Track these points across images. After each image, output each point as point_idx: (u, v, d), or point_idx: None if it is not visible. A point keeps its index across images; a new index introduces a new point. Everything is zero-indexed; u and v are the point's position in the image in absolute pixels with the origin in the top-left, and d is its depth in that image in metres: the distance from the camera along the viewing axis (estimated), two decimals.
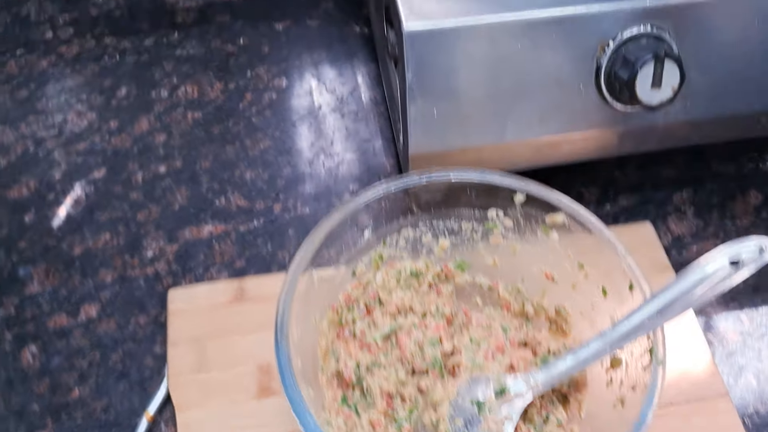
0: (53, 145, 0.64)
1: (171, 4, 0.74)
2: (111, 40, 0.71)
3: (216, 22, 0.72)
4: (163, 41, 0.71)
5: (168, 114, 0.65)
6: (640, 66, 0.47)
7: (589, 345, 0.41)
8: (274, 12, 0.73)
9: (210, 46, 0.70)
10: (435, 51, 0.47)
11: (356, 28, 0.72)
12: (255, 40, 0.71)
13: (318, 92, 0.67)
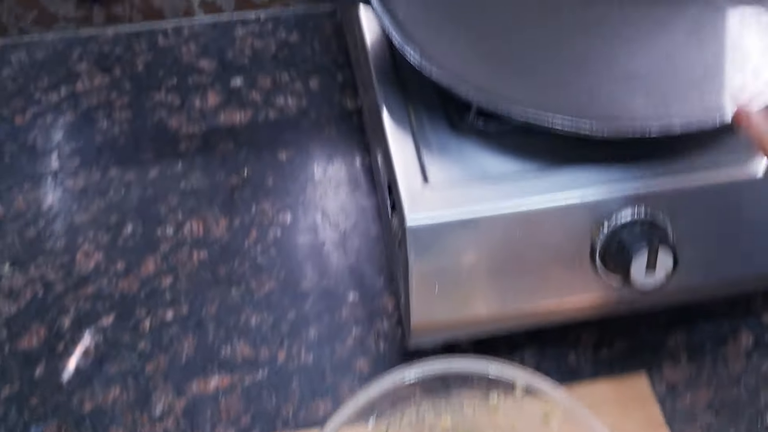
0: (62, 289, 0.65)
1: (174, 129, 0.76)
2: (116, 172, 0.73)
3: (219, 151, 0.74)
4: (168, 173, 0.73)
5: (174, 253, 0.67)
6: (634, 253, 0.49)
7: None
8: (278, 139, 0.75)
9: (214, 178, 0.72)
10: (436, 240, 0.49)
11: (357, 159, 0.73)
12: (259, 171, 0.73)
13: (322, 227, 0.69)
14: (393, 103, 0.54)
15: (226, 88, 0.78)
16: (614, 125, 0.47)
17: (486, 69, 0.51)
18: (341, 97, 0.78)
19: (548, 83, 0.50)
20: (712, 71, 0.51)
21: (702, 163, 0.50)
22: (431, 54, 0.51)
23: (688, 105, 0.49)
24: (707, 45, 0.52)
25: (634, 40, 0.52)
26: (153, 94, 0.78)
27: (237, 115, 0.76)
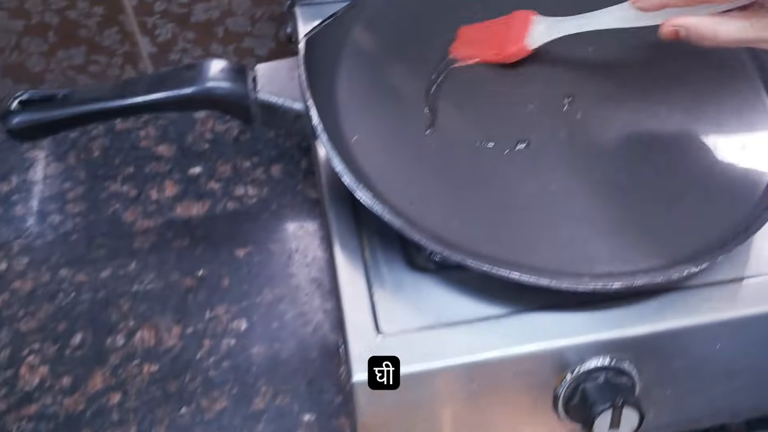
0: (3, 408, 0.62)
1: (129, 224, 0.72)
2: (67, 273, 0.69)
3: (175, 248, 0.71)
4: (121, 273, 0.69)
5: (124, 367, 0.64)
6: (597, 412, 0.46)
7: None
8: (236, 234, 0.72)
9: (168, 280, 0.69)
10: (387, 396, 0.46)
11: (319, 256, 0.70)
12: (215, 271, 0.69)
13: (278, 336, 0.66)
14: (346, 234, 0.52)
15: (185, 176, 0.75)
16: (576, 282, 0.44)
17: (442, 212, 0.48)
18: (304, 185, 0.75)
19: (507, 230, 0.47)
20: (677, 209, 0.48)
21: (668, 306, 0.47)
22: (383, 193, 0.48)
23: (652, 254, 0.46)
24: (674, 187, 0.49)
25: (594, 184, 0.50)
26: (109, 184, 0.75)
27: (194, 207, 0.73)
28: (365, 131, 0.52)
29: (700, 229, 0.48)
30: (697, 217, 0.48)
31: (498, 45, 0.55)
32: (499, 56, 0.55)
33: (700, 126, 0.52)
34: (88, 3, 0.69)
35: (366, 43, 0.56)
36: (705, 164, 0.51)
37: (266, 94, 0.49)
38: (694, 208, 0.49)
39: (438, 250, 0.45)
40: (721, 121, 0.53)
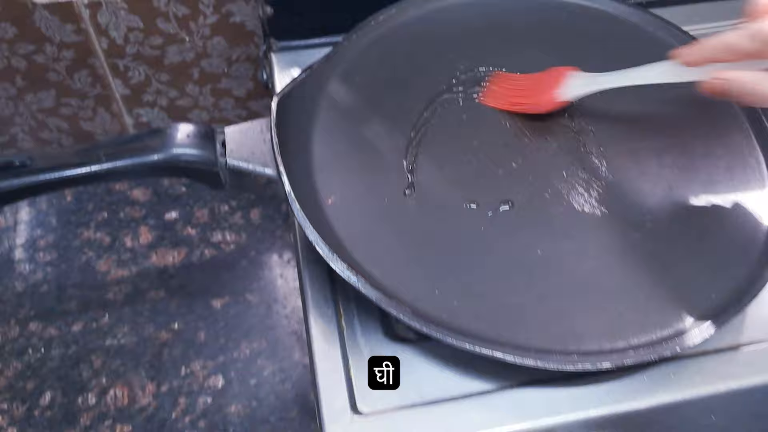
0: None
1: (102, 274, 0.70)
2: (36, 327, 0.67)
3: (149, 300, 0.68)
4: (93, 326, 0.67)
5: (95, 428, 0.61)
6: None
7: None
8: (213, 284, 0.69)
9: (142, 333, 0.66)
10: None
11: (299, 306, 0.68)
12: (191, 324, 0.67)
13: (256, 394, 0.63)
14: (321, 301, 0.49)
15: (161, 222, 0.73)
16: (564, 361, 0.42)
17: (421, 281, 0.45)
18: (284, 231, 0.73)
19: (490, 301, 0.45)
20: (668, 280, 0.46)
21: (660, 380, 0.46)
22: (359, 261, 0.46)
23: (644, 328, 0.44)
24: (667, 254, 0.47)
25: (583, 250, 0.47)
26: (81, 231, 0.72)
27: (170, 255, 0.70)
28: (341, 192, 0.50)
29: (694, 299, 0.45)
30: (690, 287, 0.46)
31: (528, 94, 0.53)
32: (526, 104, 0.52)
33: (692, 185, 0.50)
34: (56, 47, 0.66)
35: (342, 97, 0.54)
36: (697, 227, 0.48)
37: (236, 159, 0.46)
38: (687, 277, 0.46)
39: (416, 327, 0.43)
40: (714, 179, 0.50)
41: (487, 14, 0.60)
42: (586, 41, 0.58)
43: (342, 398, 0.45)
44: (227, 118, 0.77)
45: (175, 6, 0.65)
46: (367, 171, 0.51)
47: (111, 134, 0.77)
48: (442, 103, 0.54)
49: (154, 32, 0.67)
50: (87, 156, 0.46)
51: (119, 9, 0.64)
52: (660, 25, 0.59)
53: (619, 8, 0.60)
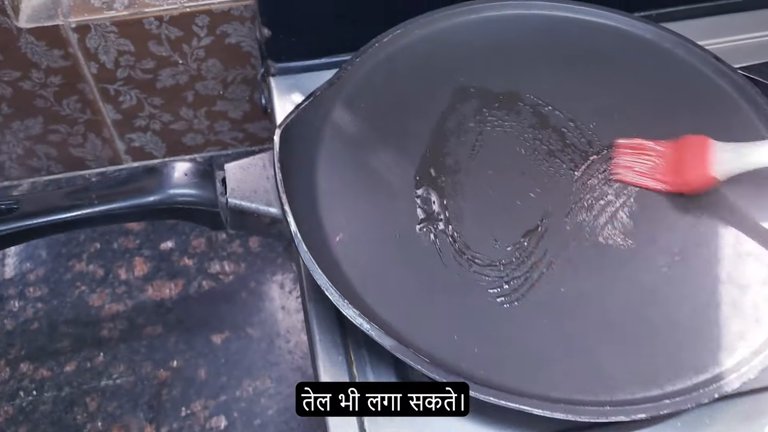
0: None
1: (95, 309, 0.66)
2: (28, 368, 0.63)
3: (146, 336, 0.65)
4: (87, 366, 0.63)
5: None
6: None
7: None
8: (212, 318, 0.66)
9: (140, 373, 0.63)
10: None
11: (304, 339, 0.64)
12: (190, 361, 0.64)
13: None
14: (331, 347, 0.46)
15: (156, 252, 0.69)
16: (596, 413, 0.39)
17: (438, 326, 0.42)
18: (285, 259, 0.69)
19: (514, 347, 0.42)
20: (701, 319, 0.43)
21: (694, 425, 0.44)
22: (372, 305, 0.42)
23: (678, 372, 0.41)
24: (696, 286, 0.44)
25: (608, 293, 0.44)
26: (73, 263, 0.68)
27: (167, 288, 0.67)
28: (349, 229, 0.46)
29: (730, 339, 0.42)
30: (725, 325, 0.43)
31: (671, 170, 0.48)
32: (672, 183, 0.48)
33: (722, 215, 0.47)
34: (43, 73, 0.63)
35: (347, 125, 0.50)
36: (730, 260, 0.46)
37: (237, 199, 0.43)
38: (721, 315, 0.43)
39: (436, 378, 0.39)
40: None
41: (495, 33, 0.57)
42: (601, 59, 0.55)
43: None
44: (223, 140, 0.74)
45: (168, 28, 0.62)
46: (376, 205, 0.48)
47: (102, 160, 0.73)
48: (452, 129, 0.51)
49: (145, 55, 0.64)
50: (78, 198, 0.42)
51: (109, 32, 0.61)
52: (677, 42, 0.56)
53: (633, 24, 0.57)
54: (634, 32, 0.57)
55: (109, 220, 0.42)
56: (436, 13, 0.57)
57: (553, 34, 0.57)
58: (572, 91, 0.53)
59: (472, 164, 0.50)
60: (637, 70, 0.54)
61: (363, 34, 0.57)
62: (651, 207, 0.48)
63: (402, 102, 0.52)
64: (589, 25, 0.58)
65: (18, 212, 0.42)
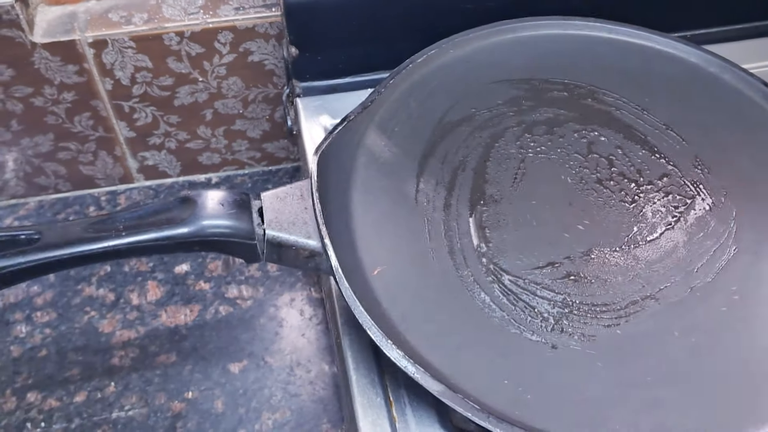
0: None
1: (106, 336, 0.63)
2: (36, 397, 0.60)
3: (159, 365, 0.62)
4: (97, 396, 0.60)
5: None
6: None
7: None
8: (229, 345, 0.63)
9: (153, 404, 0.60)
10: None
11: (326, 370, 0.61)
12: (206, 392, 0.61)
13: None
14: (368, 387, 0.43)
15: (170, 276, 0.66)
16: None
17: (488, 369, 0.40)
18: (305, 282, 0.66)
19: (567, 394, 0.39)
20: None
21: None
22: (416, 346, 0.40)
23: (744, 422, 0.38)
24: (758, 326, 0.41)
25: (666, 334, 0.42)
26: (82, 287, 0.65)
27: (181, 313, 0.64)
28: (388, 262, 0.44)
29: None
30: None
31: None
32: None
33: None
34: (56, 89, 0.60)
35: (381, 151, 0.48)
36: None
37: (275, 230, 0.40)
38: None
39: (489, 427, 0.37)
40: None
41: (533, 54, 0.55)
42: (645, 82, 0.52)
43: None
44: (240, 160, 0.71)
45: (189, 44, 0.59)
46: (414, 236, 0.45)
47: (112, 178, 0.70)
48: (493, 156, 0.48)
49: (164, 72, 0.61)
50: (104, 229, 0.39)
51: (126, 48, 0.58)
52: (723, 66, 0.53)
53: (676, 47, 0.54)
54: (678, 55, 0.54)
55: (137, 252, 0.40)
56: (470, 33, 0.55)
57: (593, 56, 0.54)
58: (618, 115, 0.50)
59: (514, 194, 0.47)
60: (684, 95, 0.52)
61: (390, 53, 0.55)
62: (706, 242, 0.45)
63: (437, 126, 0.50)
64: (631, 47, 0.55)
65: (40, 243, 0.39)
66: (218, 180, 0.75)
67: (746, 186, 0.47)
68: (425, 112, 0.51)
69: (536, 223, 0.46)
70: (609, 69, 0.54)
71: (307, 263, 0.41)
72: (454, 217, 0.46)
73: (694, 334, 0.41)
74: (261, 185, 0.75)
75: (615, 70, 0.54)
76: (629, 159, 0.49)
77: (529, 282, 0.43)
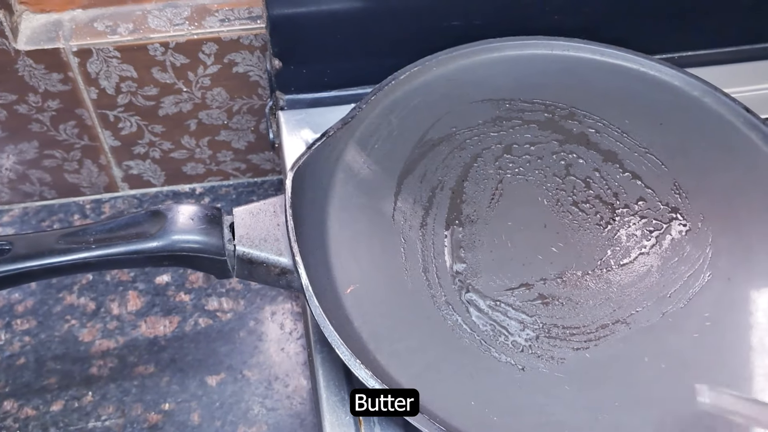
0: None
1: (85, 345, 0.63)
2: (12, 406, 0.60)
3: (137, 376, 0.62)
4: (75, 405, 0.60)
5: None
6: None
7: None
8: (208, 358, 0.63)
9: (130, 415, 0.60)
10: None
11: (304, 385, 0.61)
12: (183, 404, 0.60)
13: None
14: (338, 404, 0.43)
15: (151, 286, 0.66)
16: None
17: (458, 391, 0.40)
18: (286, 296, 0.66)
19: (533, 417, 0.39)
20: (734, 388, 0.40)
21: None
22: (386, 366, 0.40)
23: None
24: (727, 353, 0.41)
25: (636, 359, 0.41)
26: (63, 295, 0.65)
27: (161, 324, 0.64)
28: (362, 280, 0.43)
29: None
30: (759, 398, 0.40)
31: None
32: None
33: (752, 276, 0.44)
34: (41, 97, 0.60)
35: (359, 168, 0.48)
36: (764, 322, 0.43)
37: (246, 247, 0.40)
38: (754, 390, 0.40)
39: None
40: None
41: (516, 74, 0.55)
42: (626, 105, 0.52)
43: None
44: (225, 171, 0.71)
45: (174, 55, 0.59)
46: (389, 255, 0.45)
47: (97, 187, 0.70)
48: (472, 176, 0.48)
49: (148, 82, 0.61)
50: (74, 241, 0.39)
51: (111, 57, 0.58)
52: (706, 90, 0.53)
53: (660, 69, 0.55)
54: (661, 78, 0.54)
55: (106, 265, 0.39)
56: (454, 51, 0.55)
57: (577, 77, 0.54)
58: (597, 138, 0.50)
59: (491, 214, 0.47)
60: (665, 118, 0.52)
61: (376, 68, 0.55)
62: (680, 267, 0.45)
63: (418, 144, 0.50)
64: (614, 68, 0.55)
65: (10, 254, 0.39)
66: (202, 190, 0.75)
67: (724, 211, 0.47)
68: (406, 130, 0.51)
69: (511, 245, 0.46)
70: (592, 91, 0.54)
71: (278, 280, 0.41)
72: (430, 237, 0.46)
73: (664, 360, 0.41)
74: (245, 197, 0.75)
75: (598, 92, 0.54)
76: (606, 182, 0.49)
77: (501, 303, 0.43)
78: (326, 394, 0.44)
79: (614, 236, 0.46)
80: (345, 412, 0.43)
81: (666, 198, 0.48)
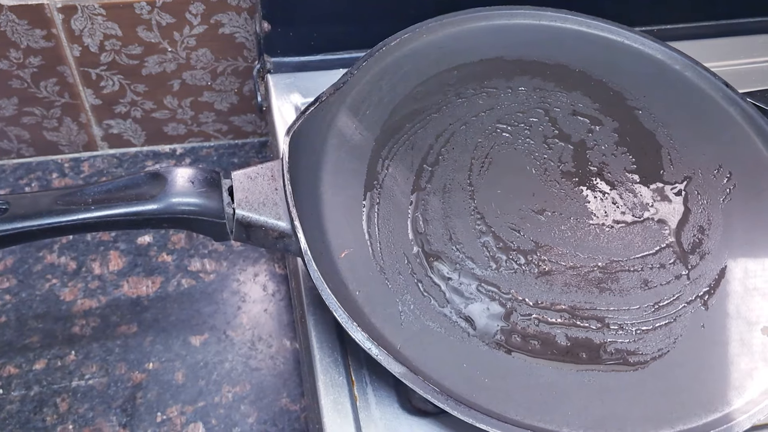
0: None
1: (67, 304, 0.63)
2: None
3: (120, 335, 0.62)
4: (57, 364, 0.60)
5: None
6: None
7: None
8: (191, 318, 0.63)
9: (113, 374, 0.60)
10: None
11: (287, 344, 0.62)
12: (167, 363, 0.61)
13: None
14: (332, 366, 0.44)
15: (133, 246, 0.66)
16: None
17: (449, 352, 0.41)
18: (269, 258, 0.67)
19: (523, 380, 0.40)
20: (711, 357, 0.42)
21: None
22: (378, 327, 0.41)
23: (690, 411, 0.40)
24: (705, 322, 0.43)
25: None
26: (44, 254, 0.65)
27: (143, 284, 0.64)
28: (356, 245, 0.44)
29: (740, 380, 0.42)
30: (738, 365, 0.42)
31: None
32: None
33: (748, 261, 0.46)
34: (22, 53, 0.59)
35: (351, 133, 0.48)
36: (741, 309, 0.45)
37: (245, 210, 0.41)
38: (730, 357, 0.43)
39: (448, 409, 0.38)
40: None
41: (505, 42, 0.56)
42: (611, 76, 0.54)
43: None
44: (206, 132, 0.71)
45: (160, 14, 0.58)
46: (382, 220, 0.46)
47: (76, 145, 0.70)
48: (461, 142, 0.49)
49: (133, 41, 0.61)
50: (73, 202, 0.39)
51: (96, 15, 0.58)
52: (687, 64, 0.55)
53: (644, 42, 0.56)
54: (644, 51, 0.56)
55: (105, 226, 0.40)
56: (444, 18, 0.55)
57: (564, 48, 0.55)
58: (583, 108, 0.51)
59: (480, 182, 0.48)
60: (648, 91, 0.53)
61: (364, 33, 0.55)
62: (662, 237, 0.47)
63: (409, 111, 0.50)
64: (600, 40, 0.57)
65: (8, 214, 0.39)
66: (183, 151, 0.75)
67: (703, 183, 0.49)
68: (397, 96, 0.52)
69: (500, 212, 0.47)
70: (579, 61, 0.55)
71: (275, 244, 0.42)
72: (422, 203, 0.47)
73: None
74: (227, 158, 0.75)
75: (584, 63, 0.55)
76: (593, 152, 0.50)
77: (488, 270, 0.44)
78: (320, 355, 0.45)
79: (597, 207, 0.48)
80: (338, 373, 0.44)
81: (650, 168, 0.49)
